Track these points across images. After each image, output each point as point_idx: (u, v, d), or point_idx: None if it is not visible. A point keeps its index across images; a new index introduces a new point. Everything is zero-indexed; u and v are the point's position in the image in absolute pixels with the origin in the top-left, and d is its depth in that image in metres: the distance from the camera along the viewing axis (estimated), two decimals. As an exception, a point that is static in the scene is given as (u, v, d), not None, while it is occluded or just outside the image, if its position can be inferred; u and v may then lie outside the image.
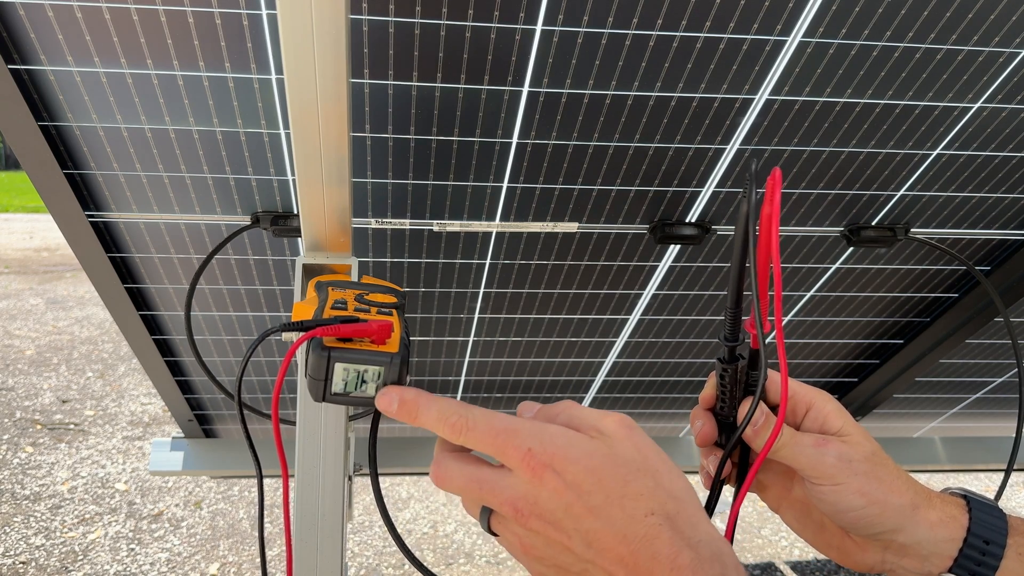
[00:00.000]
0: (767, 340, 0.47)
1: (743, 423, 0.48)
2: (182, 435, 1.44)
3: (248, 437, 0.56)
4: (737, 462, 0.52)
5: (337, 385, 0.47)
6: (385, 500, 0.62)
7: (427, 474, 1.79)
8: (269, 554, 2.15)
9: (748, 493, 0.52)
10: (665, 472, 0.39)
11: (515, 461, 0.38)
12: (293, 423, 0.80)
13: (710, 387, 0.51)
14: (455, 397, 1.42)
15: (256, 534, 2.25)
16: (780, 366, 0.46)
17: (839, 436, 0.47)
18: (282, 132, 0.85)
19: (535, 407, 0.43)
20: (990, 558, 0.44)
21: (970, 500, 0.47)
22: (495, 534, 0.42)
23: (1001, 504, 0.49)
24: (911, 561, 0.46)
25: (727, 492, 0.52)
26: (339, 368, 0.46)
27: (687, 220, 1.02)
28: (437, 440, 0.44)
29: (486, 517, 0.41)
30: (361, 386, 0.47)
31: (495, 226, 1.00)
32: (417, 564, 0.47)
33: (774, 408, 0.49)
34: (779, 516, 0.54)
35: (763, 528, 2.45)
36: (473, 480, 0.40)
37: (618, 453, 0.39)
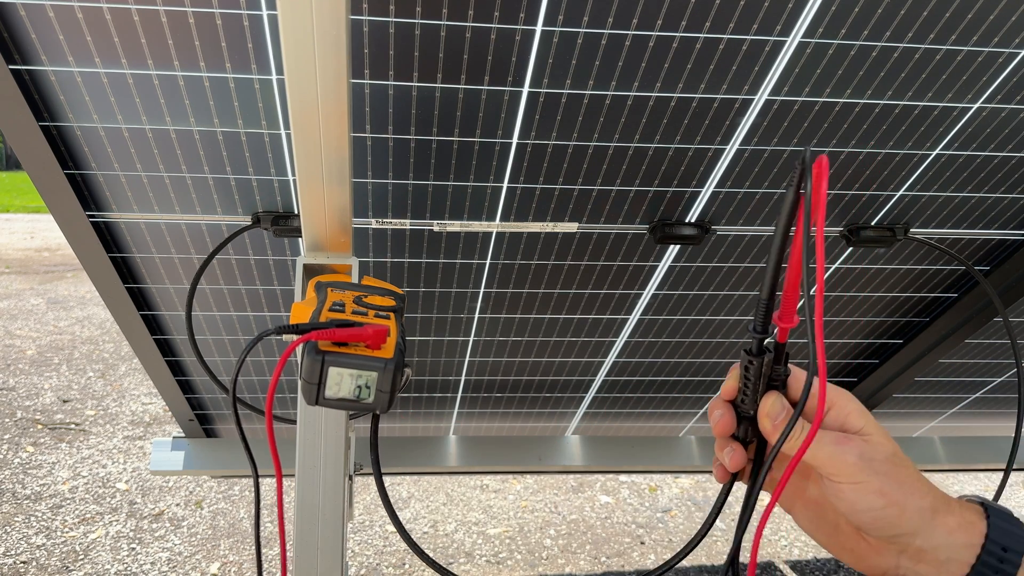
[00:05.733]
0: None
1: (781, 437, 0.47)
2: (183, 435, 1.45)
3: (243, 438, 0.56)
4: (752, 458, 0.51)
5: (331, 389, 0.46)
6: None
7: (427, 473, 1.80)
8: (270, 553, 2.16)
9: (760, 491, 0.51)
10: None
11: None
12: (294, 422, 0.80)
13: (732, 379, 0.50)
14: (455, 397, 1.42)
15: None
16: (819, 368, 0.45)
17: (860, 435, 0.47)
18: (283, 132, 0.85)
19: None
20: (1008, 566, 0.43)
21: (988, 507, 0.46)
22: None
23: (1000, 503, 0.49)
24: (927, 567, 0.45)
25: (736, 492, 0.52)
26: (333, 372, 0.46)
27: (687, 220, 1.02)
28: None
29: None
30: (354, 391, 0.47)
31: (495, 226, 1.01)
32: (428, 560, 0.47)
33: (794, 405, 0.48)
34: (791, 516, 0.53)
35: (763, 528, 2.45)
36: None
37: None
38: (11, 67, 0.75)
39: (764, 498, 0.56)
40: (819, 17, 0.75)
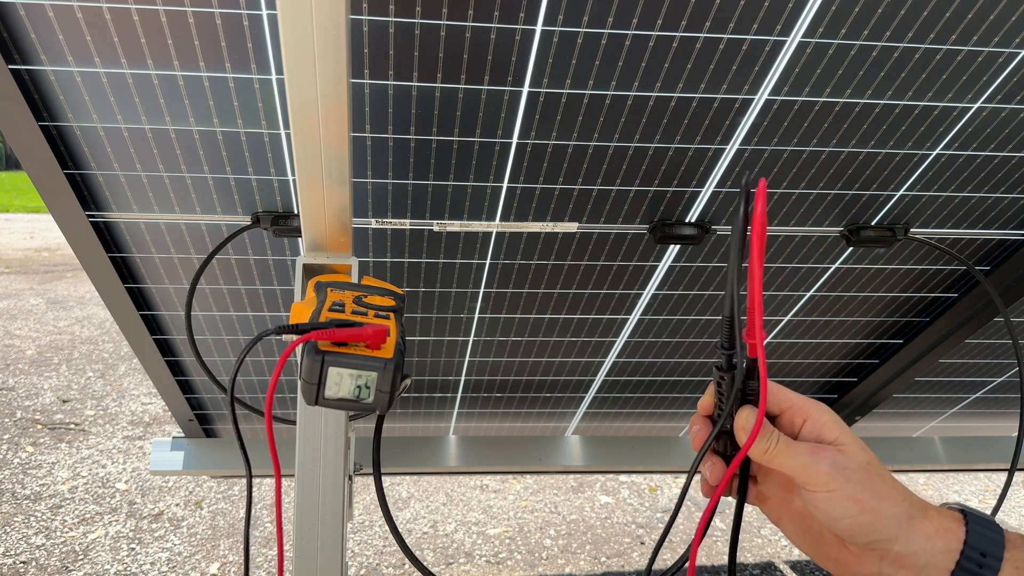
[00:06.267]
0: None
1: (720, 420, 0.49)
2: (182, 435, 1.45)
3: (239, 437, 0.56)
4: (738, 472, 0.53)
5: (331, 389, 0.47)
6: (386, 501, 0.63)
7: (427, 473, 1.80)
8: (270, 554, 2.16)
9: (747, 504, 0.53)
10: None
11: None
12: (294, 422, 0.80)
13: (709, 394, 0.52)
14: (455, 397, 1.42)
15: (258, 534, 2.25)
16: (760, 369, 0.47)
17: (835, 445, 0.48)
18: (282, 132, 0.85)
19: None
20: (987, 571, 0.44)
21: (967, 514, 0.47)
22: None
23: (1003, 504, 0.49)
24: (907, 572, 0.47)
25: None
26: (333, 372, 0.46)
27: (687, 220, 1.02)
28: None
29: None
30: (354, 391, 0.47)
31: (495, 226, 1.01)
32: (418, 565, 0.47)
33: (774, 419, 0.50)
34: (780, 529, 0.55)
35: (763, 528, 2.45)
36: None
37: None
38: (11, 67, 0.75)
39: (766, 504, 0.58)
40: (819, 17, 0.75)
